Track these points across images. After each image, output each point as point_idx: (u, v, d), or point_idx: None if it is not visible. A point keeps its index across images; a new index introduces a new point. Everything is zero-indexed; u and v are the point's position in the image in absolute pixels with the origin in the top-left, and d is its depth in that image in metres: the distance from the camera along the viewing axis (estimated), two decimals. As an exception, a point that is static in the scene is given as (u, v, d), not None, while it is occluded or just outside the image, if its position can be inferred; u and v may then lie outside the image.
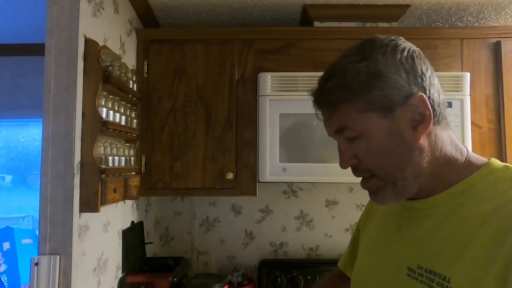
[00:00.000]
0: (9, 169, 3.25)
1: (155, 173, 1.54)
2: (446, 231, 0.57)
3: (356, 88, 0.58)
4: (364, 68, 0.58)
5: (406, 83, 0.58)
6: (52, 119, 1.07)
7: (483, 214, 0.54)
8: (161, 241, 1.95)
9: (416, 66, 0.59)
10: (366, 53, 0.59)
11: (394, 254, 0.64)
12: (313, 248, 1.91)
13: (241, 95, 1.56)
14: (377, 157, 0.59)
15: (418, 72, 0.59)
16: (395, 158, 0.59)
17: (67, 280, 1.04)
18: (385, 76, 0.57)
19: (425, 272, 0.56)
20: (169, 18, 1.75)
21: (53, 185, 1.06)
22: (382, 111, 0.58)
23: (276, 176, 1.47)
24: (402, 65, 0.58)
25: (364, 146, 0.60)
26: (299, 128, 1.48)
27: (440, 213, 0.59)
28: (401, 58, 0.59)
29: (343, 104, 0.60)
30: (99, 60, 1.15)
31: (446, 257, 0.55)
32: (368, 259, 0.72)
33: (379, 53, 0.59)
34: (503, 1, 1.59)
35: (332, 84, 0.61)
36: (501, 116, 1.52)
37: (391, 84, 0.57)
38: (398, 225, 0.66)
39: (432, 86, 0.60)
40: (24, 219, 3.05)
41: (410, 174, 0.59)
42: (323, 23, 1.64)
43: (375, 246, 0.72)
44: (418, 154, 0.59)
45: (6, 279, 2.28)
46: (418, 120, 0.58)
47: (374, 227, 0.76)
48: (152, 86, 1.57)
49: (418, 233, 0.61)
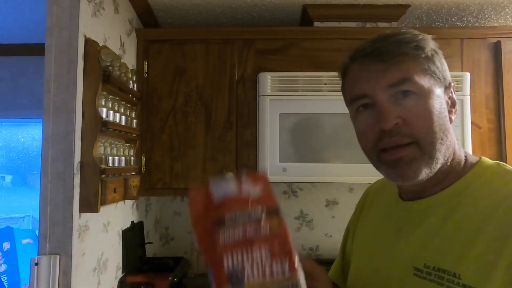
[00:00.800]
0: (9, 169, 3.26)
1: (155, 173, 1.54)
2: (450, 228, 0.57)
3: (425, 49, 0.60)
4: (431, 41, 0.62)
5: (447, 72, 0.64)
6: (52, 119, 1.07)
7: (484, 209, 0.55)
8: (161, 241, 1.95)
9: (447, 67, 0.65)
10: (425, 36, 0.63)
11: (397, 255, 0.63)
12: (313, 248, 1.91)
13: (241, 95, 1.56)
14: (429, 121, 0.59)
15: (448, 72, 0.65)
16: (442, 127, 0.59)
17: (67, 280, 1.04)
18: (442, 56, 0.63)
19: (433, 270, 0.56)
20: (169, 18, 1.75)
21: (53, 185, 1.06)
22: (439, 81, 0.61)
23: (276, 176, 1.47)
24: (444, 60, 0.64)
25: (418, 106, 0.59)
26: (299, 128, 1.48)
27: (440, 212, 0.60)
28: (441, 55, 0.64)
29: (410, 58, 0.60)
30: (99, 60, 1.15)
31: (453, 254, 0.55)
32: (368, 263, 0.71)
33: (433, 42, 0.63)
34: (503, 1, 1.59)
35: (404, 37, 0.61)
36: (501, 116, 1.52)
37: (444, 65, 0.63)
38: (397, 227, 0.66)
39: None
40: (24, 219, 3.05)
41: (445, 149, 0.60)
42: (323, 23, 1.64)
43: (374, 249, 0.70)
44: (450, 134, 0.61)
45: (6, 279, 2.28)
46: (451, 106, 0.63)
47: (368, 230, 0.75)
48: (152, 86, 1.57)
49: (421, 233, 0.61)
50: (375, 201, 0.78)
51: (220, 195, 0.56)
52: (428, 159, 0.59)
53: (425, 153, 0.58)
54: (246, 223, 0.53)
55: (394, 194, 0.70)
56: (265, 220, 0.53)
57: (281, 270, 0.49)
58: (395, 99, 0.59)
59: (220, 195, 0.56)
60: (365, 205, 0.80)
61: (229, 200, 0.55)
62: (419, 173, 0.59)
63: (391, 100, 0.59)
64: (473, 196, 0.58)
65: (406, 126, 0.58)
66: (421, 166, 0.59)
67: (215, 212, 0.53)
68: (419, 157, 0.59)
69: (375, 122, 0.60)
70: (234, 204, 0.55)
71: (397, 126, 0.58)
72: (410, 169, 0.59)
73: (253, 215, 0.54)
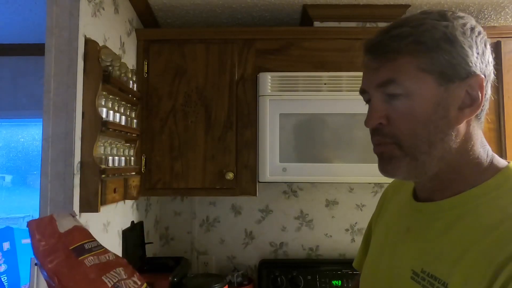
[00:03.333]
0: (9, 169, 3.26)
1: (155, 173, 1.54)
2: (452, 236, 0.56)
3: (426, 43, 0.56)
4: (443, 27, 0.56)
5: (474, 61, 0.56)
6: (52, 119, 1.07)
7: (491, 222, 0.53)
8: (161, 241, 1.95)
9: (486, 52, 0.58)
10: (448, 18, 0.58)
11: (400, 255, 0.63)
12: (313, 248, 1.91)
13: (241, 95, 1.56)
14: (413, 123, 0.56)
15: (486, 58, 0.58)
16: (431, 130, 0.56)
17: (67, 280, 1.04)
18: (459, 44, 0.56)
19: (427, 276, 0.56)
20: (169, 18, 1.75)
21: (53, 185, 1.06)
22: (440, 77, 0.56)
23: (276, 176, 1.47)
24: (476, 45, 0.57)
25: (404, 107, 0.57)
26: (299, 128, 1.48)
27: (449, 217, 0.58)
28: (477, 38, 0.57)
29: (405, 55, 0.57)
30: (99, 60, 1.15)
31: (446, 262, 0.54)
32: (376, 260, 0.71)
33: (460, 23, 0.57)
34: (503, 1, 1.59)
35: (401, 31, 0.57)
36: (501, 116, 1.52)
37: (462, 54, 0.56)
38: (407, 227, 0.65)
39: (489, 79, 0.59)
40: (24, 219, 3.05)
41: (437, 152, 0.57)
42: (323, 23, 1.64)
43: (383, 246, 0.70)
44: (453, 137, 0.57)
45: (6, 279, 2.29)
46: (467, 103, 0.57)
47: (383, 227, 0.75)
48: (152, 86, 1.57)
49: (426, 236, 0.60)
50: (394, 198, 0.77)
51: (67, 227, 0.70)
52: (410, 160, 0.58)
53: (407, 154, 0.58)
54: (98, 251, 0.71)
55: (409, 193, 0.69)
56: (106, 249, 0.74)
57: (136, 283, 0.71)
58: (387, 98, 0.59)
59: (67, 227, 0.70)
60: (385, 201, 0.80)
61: (77, 232, 0.69)
62: (399, 171, 0.59)
63: (382, 99, 0.59)
64: (487, 206, 0.55)
65: (390, 127, 0.59)
66: (400, 165, 0.59)
67: (70, 243, 0.67)
68: (399, 156, 0.59)
69: None
70: (82, 235, 0.71)
71: (381, 125, 0.59)
72: (389, 166, 0.60)
73: (98, 246, 0.73)
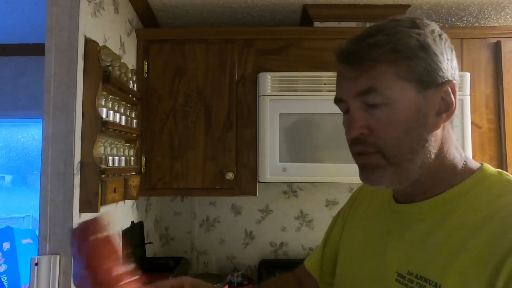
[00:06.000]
0: (9, 169, 3.25)
1: (155, 173, 1.54)
2: (438, 237, 0.55)
3: (403, 51, 0.55)
4: (416, 35, 0.56)
5: (446, 67, 0.57)
6: (52, 119, 1.07)
7: (476, 221, 0.53)
8: (161, 241, 1.95)
9: (453, 58, 0.59)
10: (419, 25, 0.58)
11: (382, 258, 0.62)
12: (313, 248, 1.91)
13: (241, 95, 1.56)
14: (396, 131, 0.56)
15: (454, 63, 0.59)
16: (414, 137, 0.56)
17: (67, 280, 1.04)
18: (432, 51, 0.56)
19: (416, 278, 0.55)
20: (169, 18, 1.75)
21: (53, 185, 1.06)
22: (418, 85, 0.56)
23: (276, 176, 1.47)
24: (445, 51, 0.58)
25: (386, 116, 0.56)
26: (299, 128, 1.48)
27: (432, 218, 0.58)
28: (445, 44, 0.59)
29: (382, 64, 0.56)
30: (99, 60, 1.15)
31: (438, 263, 0.53)
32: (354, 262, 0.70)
33: (429, 30, 0.58)
34: (503, 1, 1.59)
35: (377, 40, 0.56)
36: (501, 116, 1.52)
37: (436, 61, 0.56)
38: (387, 229, 0.64)
39: (457, 83, 0.59)
40: (24, 219, 3.05)
41: (419, 159, 0.57)
42: (323, 23, 1.64)
43: (361, 248, 0.69)
44: (433, 142, 0.57)
45: (6, 279, 2.28)
46: (443, 109, 0.57)
47: (359, 228, 0.73)
48: (152, 86, 1.57)
49: (409, 238, 0.59)
50: (368, 198, 0.76)
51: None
52: (395, 168, 0.57)
53: (391, 163, 0.57)
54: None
55: (388, 195, 0.68)
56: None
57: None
58: (366, 107, 0.58)
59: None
60: (357, 199, 0.79)
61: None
62: (384, 180, 0.59)
63: (362, 108, 0.58)
64: (470, 204, 0.56)
65: (372, 136, 0.58)
66: (385, 174, 0.58)
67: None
68: (384, 165, 0.58)
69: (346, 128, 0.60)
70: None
71: (363, 135, 0.58)
72: (373, 175, 0.59)
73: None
